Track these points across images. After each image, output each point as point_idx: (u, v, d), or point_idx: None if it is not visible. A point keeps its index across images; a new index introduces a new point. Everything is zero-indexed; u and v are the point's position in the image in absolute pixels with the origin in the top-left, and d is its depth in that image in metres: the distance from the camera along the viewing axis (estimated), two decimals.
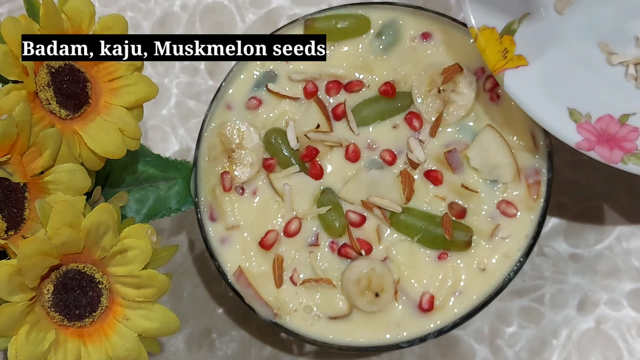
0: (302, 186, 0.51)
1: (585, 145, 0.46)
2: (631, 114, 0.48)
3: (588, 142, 0.46)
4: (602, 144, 0.46)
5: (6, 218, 0.41)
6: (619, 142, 0.47)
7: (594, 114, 0.47)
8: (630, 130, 0.47)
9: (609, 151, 0.46)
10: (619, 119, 0.47)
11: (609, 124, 0.47)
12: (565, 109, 0.47)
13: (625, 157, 0.46)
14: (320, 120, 0.52)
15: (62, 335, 0.41)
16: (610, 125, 0.47)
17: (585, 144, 0.46)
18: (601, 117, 0.47)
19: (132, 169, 0.52)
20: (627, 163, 0.46)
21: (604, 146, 0.46)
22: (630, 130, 0.47)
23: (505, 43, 0.48)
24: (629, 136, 0.47)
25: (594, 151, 0.46)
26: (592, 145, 0.46)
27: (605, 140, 0.47)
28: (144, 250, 0.42)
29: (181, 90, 0.62)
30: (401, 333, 0.48)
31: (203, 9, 0.64)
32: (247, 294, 0.49)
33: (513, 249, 0.49)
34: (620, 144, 0.46)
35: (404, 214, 0.50)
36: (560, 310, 0.55)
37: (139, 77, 0.47)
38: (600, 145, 0.46)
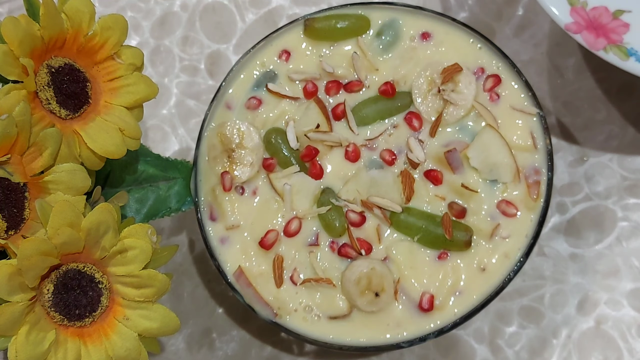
0: (302, 186, 0.51)
1: (574, 28, 0.47)
2: (627, 10, 0.48)
3: (577, 25, 0.48)
4: (590, 30, 0.48)
5: (6, 218, 0.41)
6: (606, 32, 0.48)
7: (591, 2, 0.48)
8: (621, 24, 0.48)
9: (595, 38, 0.47)
10: (613, 12, 0.48)
11: (602, 14, 0.48)
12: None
13: (608, 46, 0.47)
14: (320, 120, 0.52)
15: (62, 335, 0.41)
16: (604, 15, 0.48)
17: (573, 27, 0.47)
18: (597, 6, 0.48)
19: (132, 169, 0.52)
20: (609, 52, 0.47)
21: (591, 32, 0.48)
22: (621, 25, 0.48)
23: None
24: (617, 29, 0.48)
25: (580, 35, 0.47)
26: (580, 29, 0.48)
27: (594, 28, 0.48)
28: (144, 250, 0.42)
29: (181, 90, 0.62)
30: (401, 333, 0.48)
31: (203, 9, 0.64)
32: (247, 294, 0.49)
33: (513, 248, 0.49)
34: (607, 34, 0.48)
35: (404, 214, 0.50)
36: (560, 310, 0.55)
37: (139, 76, 0.47)
38: (587, 31, 0.48)
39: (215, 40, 0.63)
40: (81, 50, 0.45)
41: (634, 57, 0.47)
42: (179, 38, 0.63)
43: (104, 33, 0.45)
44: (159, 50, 0.63)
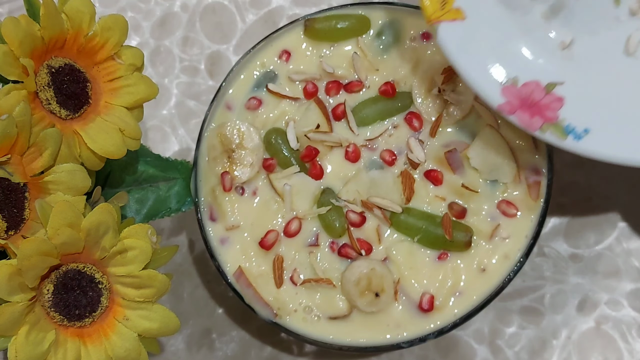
0: (302, 186, 0.51)
1: (507, 108, 0.46)
2: (559, 83, 0.47)
3: (510, 105, 0.46)
4: (524, 109, 0.46)
5: (6, 218, 0.41)
6: (541, 109, 0.46)
7: (522, 78, 0.46)
8: (555, 99, 0.46)
9: (530, 117, 0.46)
10: (545, 86, 0.46)
11: (534, 90, 0.46)
12: (494, 69, 0.46)
13: (544, 125, 0.45)
14: (320, 121, 0.52)
15: (62, 335, 0.41)
16: (536, 91, 0.46)
17: (507, 107, 0.46)
18: (528, 82, 0.47)
19: (132, 169, 0.52)
20: (545, 132, 0.45)
21: (525, 112, 0.46)
22: (555, 100, 0.46)
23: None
24: (552, 105, 0.46)
25: (514, 115, 0.46)
26: (514, 109, 0.46)
27: (528, 106, 0.46)
28: (144, 251, 0.42)
29: (181, 90, 0.62)
30: (401, 333, 0.48)
31: (203, 9, 0.64)
32: (247, 294, 0.49)
33: (513, 249, 0.49)
34: (542, 111, 0.46)
35: (404, 214, 0.50)
36: (560, 311, 0.55)
37: (139, 77, 0.47)
38: (521, 110, 0.46)
39: (215, 41, 0.63)
40: (81, 50, 0.45)
41: (572, 134, 0.45)
42: (179, 38, 0.63)
43: (104, 33, 0.45)
44: (159, 50, 0.63)
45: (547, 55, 0.48)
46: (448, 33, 0.47)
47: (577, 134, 0.45)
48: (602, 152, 0.45)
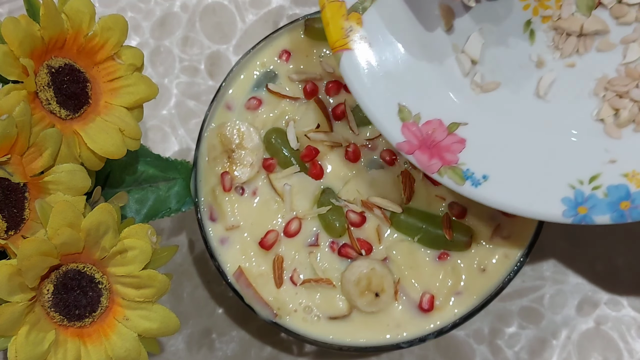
0: (302, 186, 0.51)
1: (406, 147, 0.44)
2: (462, 123, 0.45)
3: (409, 145, 0.44)
4: (423, 149, 0.44)
5: (6, 218, 0.41)
6: (440, 151, 0.44)
7: (425, 115, 0.45)
8: (456, 140, 0.44)
9: (428, 159, 0.44)
10: (448, 126, 0.44)
11: (436, 129, 0.44)
12: (396, 104, 0.45)
13: (442, 168, 0.44)
14: (321, 120, 0.52)
15: (62, 335, 0.41)
16: (437, 131, 0.44)
17: (405, 146, 0.44)
18: (430, 120, 0.45)
19: (132, 169, 0.52)
20: (443, 176, 0.44)
21: (424, 152, 0.44)
22: (456, 141, 0.44)
23: (352, 21, 0.45)
24: (452, 147, 0.44)
25: (413, 155, 0.44)
26: (413, 149, 0.44)
27: (427, 147, 0.44)
28: (144, 251, 0.42)
29: (181, 90, 0.62)
30: (401, 333, 0.48)
31: (203, 10, 0.64)
32: (247, 294, 0.49)
33: (513, 249, 0.49)
34: (441, 153, 0.44)
35: (404, 214, 0.50)
36: (560, 311, 0.55)
37: (139, 77, 0.47)
38: (420, 151, 0.44)
39: (215, 41, 0.63)
40: (81, 50, 0.45)
41: (470, 180, 0.43)
42: (179, 38, 0.63)
43: (104, 33, 0.45)
44: (159, 50, 0.63)
45: (453, 94, 0.46)
46: (351, 62, 0.45)
47: (476, 180, 0.44)
48: (498, 201, 0.44)
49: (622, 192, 0.43)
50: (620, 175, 0.43)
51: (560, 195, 0.43)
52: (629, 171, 0.43)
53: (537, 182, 0.44)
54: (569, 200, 0.43)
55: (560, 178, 0.44)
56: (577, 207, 0.43)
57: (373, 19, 0.46)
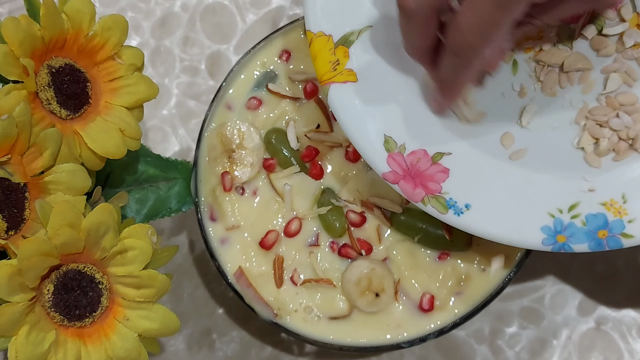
0: (302, 186, 0.51)
1: (391, 177, 0.45)
2: (446, 153, 0.46)
3: (394, 175, 0.45)
4: (408, 179, 0.45)
5: (6, 218, 0.41)
6: (424, 180, 0.45)
7: (410, 145, 0.45)
8: (440, 170, 0.45)
9: (413, 188, 0.45)
10: (432, 156, 0.45)
11: (420, 159, 0.45)
12: (382, 135, 0.46)
13: (426, 198, 0.45)
14: (321, 121, 0.52)
15: (62, 335, 0.41)
16: (422, 161, 0.45)
17: (391, 176, 0.45)
18: (415, 150, 0.45)
19: (132, 169, 0.52)
20: (427, 205, 0.45)
21: (408, 182, 0.45)
22: (440, 171, 0.45)
23: (339, 54, 0.46)
24: (436, 176, 0.45)
25: (398, 185, 0.45)
26: (398, 179, 0.45)
27: (412, 176, 0.45)
28: (144, 251, 0.42)
29: (181, 90, 0.62)
30: (401, 333, 0.48)
31: (203, 10, 0.64)
32: (247, 294, 0.49)
33: (513, 249, 0.49)
34: (425, 182, 0.45)
35: (404, 214, 0.50)
36: (560, 311, 0.55)
37: (139, 77, 0.47)
38: (405, 181, 0.45)
39: (215, 41, 0.63)
40: (81, 50, 0.45)
41: (453, 209, 0.44)
42: (179, 38, 0.63)
43: (105, 33, 0.45)
44: (159, 50, 0.63)
45: (438, 123, 0.47)
46: (339, 95, 0.46)
47: (458, 209, 0.44)
48: (480, 230, 0.44)
49: (600, 221, 0.43)
50: (598, 204, 0.44)
51: (539, 223, 0.44)
52: (607, 200, 0.44)
53: (517, 210, 0.45)
54: (548, 229, 0.44)
55: (540, 206, 0.45)
56: (556, 236, 0.44)
57: (359, 52, 0.47)
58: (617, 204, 0.44)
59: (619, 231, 0.43)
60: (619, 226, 0.43)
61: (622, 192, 0.44)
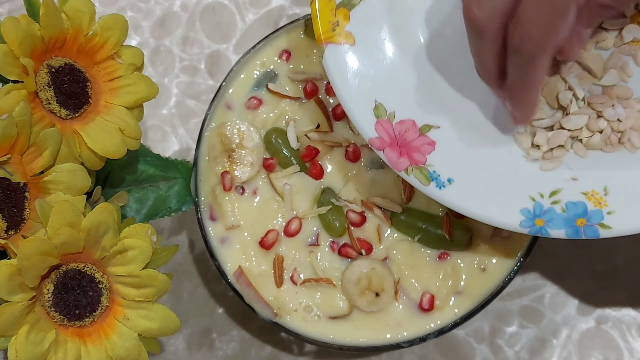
0: (302, 186, 0.51)
1: (377, 143, 0.45)
2: (435, 126, 0.46)
3: (381, 141, 0.45)
4: (394, 147, 0.45)
5: (6, 218, 0.41)
6: (410, 150, 0.45)
7: (399, 114, 0.45)
8: (427, 142, 0.45)
9: (397, 157, 0.45)
10: (420, 127, 0.45)
11: (408, 129, 0.45)
12: (373, 101, 0.46)
13: (410, 167, 0.45)
14: (321, 120, 0.52)
15: (62, 335, 0.41)
16: (410, 131, 0.45)
17: (377, 142, 0.45)
18: (404, 120, 0.45)
19: (132, 169, 0.52)
20: (410, 175, 0.45)
21: (394, 150, 0.45)
22: (426, 143, 0.45)
23: (339, 16, 0.46)
24: (422, 148, 0.45)
25: (383, 152, 0.45)
26: (384, 146, 0.45)
27: (398, 145, 0.45)
28: (144, 250, 0.42)
29: (181, 90, 0.62)
30: (401, 333, 0.48)
31: (203, 9, 0.64)
32: (247, 294, 0.49)
33: (513, 248, 0.49)
34: (410, 152, 0.45)
35: (404, 214, 0.50)
36: (560, 310, 0.55)
37: (139, 76, 0.47)
38: (391, 149, 0.45)
39: (215, 40, 0.63)
40: (81, 50, 0.45)
41: (435, 182, 0.44)
42: (179, 38, 0.63)
43: (104, 33, 0.45)
44: (159, 50, 0.63)
45: (430, 96, 0.47)
46: (334, 56, 0.46)
47: (440, 182, 0.44)
48: (460, 205, 0.44)
49: (580, 210, 0.44)
50: (580, 193, 0.44)
51: (520, 205, 0.44)
52: (589, 190, 0.44)
53: (499, 190, 0.45)
54: (527, 212, 0.44)
55: (522, 189, 0.45)
56: (534, 219, 0.44)
57: (360, 16, 0.46)
58: (599, 195, 0.44)
59: (597, 221, 0.43)
60: (598, 216, 0.43)
61: (604, 184, 0.44)
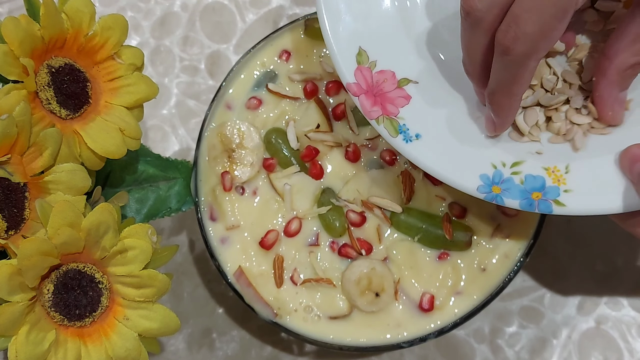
0: (302, 186, 0.51)
1: (354, 88, 0.46)
2: (413, 81, 0.46)
3: (358, 87, 0.46)
4: (369, 95, 0.46)
5: (6, 218, 0.41)
6: (384, 101, 0.46)
7: (380, 64, 0.46)
8: (402, 95, 0.46)
9: (371, 105, 0.45)
10: (399, 80, 0.46)
11: (387, 80, 0.46)
12: (357, 46, 0.46)
13: (381, 117, 0.45)
14: (321, 120, 0.52)
15: (62, 335, 0.41)
16: (388, 82, 0.46)
17: (354, 88, 0.46)
18: (384, 70, 0.46)
19: (132, 169, 0.52)
20: (380, 124, 0.45)
21: (369, 98, 0.46)
22: (402, 96, 0.46)
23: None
24: (397, 101, 0.46)
25: (358, 98, 0.46)
26: (360, 92, 0.46)
27: (373, 94, 0.46)
28: (144, 250, 0.42)
29: (181, 90, 0.62)
30: (401, 333, 0.48)
31: (203, 9, 0.64)
32: (247, 294, 0.49)
33: (513, 248, 0.49)
34: (385, 103, 0.46)
35: (404, 214, 0.50)
36: (560, 310, 0.55)
37: (139, 76, 0.47)
38: (366, 96, 0.46)
39: (215, 40, 0.63)
40: (81, 50, 0.45)
41: (403, 135, 0.45)
42: (179, 38, 0.63)
43: (104, 33, 0.45)
44: (159, 50, 0.63)
45: (414, 52, 0.47)
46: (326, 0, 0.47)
47: (408, 136, 0.45)
48: (422, 162, 0.45)
49: (538, 183, 0.44)
50: (541, 167, 0.44)
51: (480, 171, 0.44)
52: (551, 166, 0.44)
53: (463, 153, 0.45)
54: (486, 178, 0.44)
55: (485, 155, 0.45)
56: (492, 186, 0.44)
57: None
58: (559, 172, 0.44)
59: (552, 197, 0.43)
60: (554, 192, 0.43)
61: (567, 163, 0.44)
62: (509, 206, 0.44)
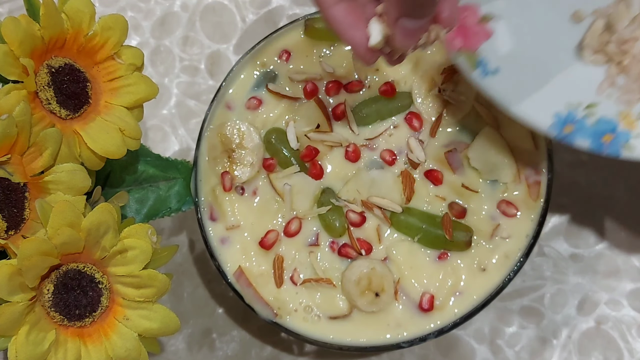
0: (302, 186, 0.51)
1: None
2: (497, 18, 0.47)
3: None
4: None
5: (6, 218, 0.41)
6: (467, 34, 0.46)
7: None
8: (484, 31, 0.46)
9: (454, 36, 0.46)
10: (482, 16, 0.47)
11: (471, 14, 0.46)
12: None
13: (462, 49, 0.46)
14: (320, 120, 0.52)
15: (62, 335, 0.41)
16: (471, 15, 0.47)
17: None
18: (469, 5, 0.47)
19: (132, 169, 0.52)
20: (459, 56, 0.46)
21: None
22: (484, 32, 0.46)
23: None
24: (479, 35, 0.46)
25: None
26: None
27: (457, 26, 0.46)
28: (144, 250, 0.42)
29: (181, 90, 0.62)
30: (401, 333, 0.48)
31: (203, 9, 0.64)
32: (247, 294, 0.49)
33: (513, 249, 0.49)
34: (467, 36, 0.46)
35: (404, 214, 0.50)
36: (560, 310, 0.55)
37: (139, 77, 0.47)
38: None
39: (215, 41, 0.63)
40: (81, 50, 0.45)
41: (481, 68, 0.46)
42: (179, 38, 0.63)
43: (104, 33, 0.45)
44: (159, 50, 0.63)
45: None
46: None
47: (486, 70, 0.45)
48: (497, 96, 0.45)
49: (610, 126, 0.44)
50: (615, 110, 0.45)
51: (554, 109, 0.45)
52: (624, 110, 0.45)
53: (540, 91, 0.45)
54: (559, 116, 0.45)
55: (561, 95, 0.45)
56: (564, 125, 0.45)
57: None
58: (632, 117, 0.45)
59: (622, 140, 0.44)
60: (624, 137, 0.44)
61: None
62: (579, 146, 0.44)
